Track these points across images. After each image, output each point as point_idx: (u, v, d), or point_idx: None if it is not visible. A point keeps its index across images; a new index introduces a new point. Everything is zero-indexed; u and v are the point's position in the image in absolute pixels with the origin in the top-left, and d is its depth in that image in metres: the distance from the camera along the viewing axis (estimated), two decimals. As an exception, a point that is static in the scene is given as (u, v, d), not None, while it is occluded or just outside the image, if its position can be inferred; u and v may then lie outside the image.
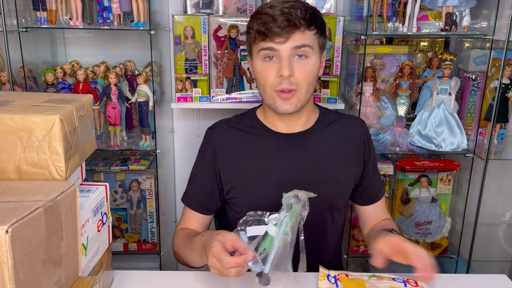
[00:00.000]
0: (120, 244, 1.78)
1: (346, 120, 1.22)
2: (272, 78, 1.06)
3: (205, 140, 1.21)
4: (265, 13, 1.02)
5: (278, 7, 1.02)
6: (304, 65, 1.05)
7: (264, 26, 1.02)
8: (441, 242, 1.76)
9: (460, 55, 1.71)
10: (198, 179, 1.20)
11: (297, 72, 1.04)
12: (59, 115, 0.79)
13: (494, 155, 1.60)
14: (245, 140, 1.17)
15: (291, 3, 1.03)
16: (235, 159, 1.16)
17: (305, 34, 1.03)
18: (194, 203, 1.20)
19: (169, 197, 1.91)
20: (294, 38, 1.02)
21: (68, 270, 0.75)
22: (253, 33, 1.06)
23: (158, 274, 1.12)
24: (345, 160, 1.17)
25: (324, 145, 1.17)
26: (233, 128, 1.19)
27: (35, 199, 0.67)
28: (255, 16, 1.06)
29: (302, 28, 1.02)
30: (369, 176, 1.22)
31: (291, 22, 1.00)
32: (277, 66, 1.05)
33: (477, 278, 1.12)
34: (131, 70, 1.67)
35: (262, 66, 1.07)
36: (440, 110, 1.57)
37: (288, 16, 1.00)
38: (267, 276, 0.83)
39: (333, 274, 1.00)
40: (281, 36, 1.01)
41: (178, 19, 1.52)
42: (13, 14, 1.47)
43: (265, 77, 1.07)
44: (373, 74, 1.57)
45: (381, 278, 0.95)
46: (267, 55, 1.05)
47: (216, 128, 1.21)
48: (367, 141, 1.21)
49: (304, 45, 1.03)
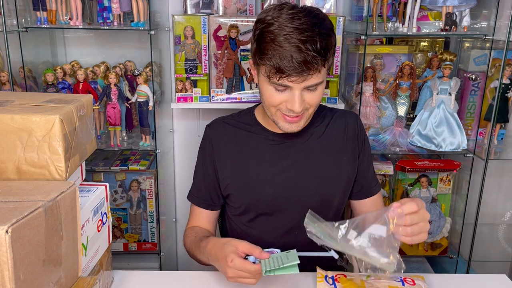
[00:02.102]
0: (120, 244, 1.78)
1: (339, 115, 1.23)
2: (280, 103, 1.04)
3: (204, 137, 1.24)
4: (281, 47, 0.96)
5: (294, 40, 0.95)
6: (314, 94, 1.04)
7: (280, 65, 0.96)
8: (441, 242, 1.76)
9: (460, 55, 1.71)
10: (200, 176, 1.23)
11: (306, 100, 1.03)
12: (59, 115, 0.79)
13: (494, 155, 1.60)
14: (240, 137, 1.19)
15: (308, 34, 0.95)
16: (231, 156, 1.18)
17: (320, 73, 1.00)
18: (198, 199, 1.23)
19: (169, 197, 1.91)
20: (310, 80, 0.99)
21: (68, 270, 0.75)
22: (267, 64, 0.99)
23: (158, 274, 1.12)
24: (340, 156, 1.18)
25: (318, 142, 1.18)
26: (230, 126, 1.21)
27: (35, 199, 0.67)
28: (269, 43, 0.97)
29: (319, 68, 0.98)
30: (363, 168, 1.21)
31: (309, 66, 0.96)
32: (286, 97, 1.02)
33: (477, 278, 1.12)
34: (131, 70, 1.67)
35: (270, 92, 1.04)
36: (440, 110, 1.57)
37: (306, 57, 0.95)
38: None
39: (331, 275, 1.00)
40: (298, 77, 0.98)
41: (178, 19, 1.52)
42: (13, 14, 1.47)
43: (272, 101, 1.04)
44: (373, 74, 1.57)
45: (379, 277, 0.95)
46: (278, 88, 1.02)
47: (213, 125, 1.24)
48: (360, 134, 1.21)
49: (317, 84, 1.01)
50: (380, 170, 1.67)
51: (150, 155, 1.77)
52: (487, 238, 1.87)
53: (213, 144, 1.20)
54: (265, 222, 1.18)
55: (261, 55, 1.01)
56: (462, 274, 1.66)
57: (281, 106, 1.05)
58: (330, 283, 0.97)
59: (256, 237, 1.20)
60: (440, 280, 1.05)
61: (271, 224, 1.18)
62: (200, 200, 1.23)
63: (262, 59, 1.01)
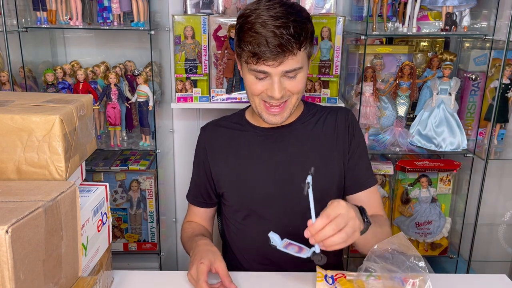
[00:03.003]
0: (120, 244, 1.78)
1: (330, 110, 1.24)
2: (261, 91, 1.08)
3: (198, 139, 1.29)
4: (257, 32, 1.00)
5: (269, 25, 0.99)
6: (294, 81, 1.07)
7: (257, 49, 1.01)
8: (441, 242, 1.76)
9: (460, 55, 1.71)
10: (194, 176, 1.31)
11: (287, 87, 1.06)
12: (59, 115, 0.79)
13: (494, 155, 1.60)
14: (231, 136, 1.23)
15: (283, 20, 1.00)
16: (223, 155, 1.22)
17: (297, 57, 1.03)
18: (193, 197, 1.31)
19: (169, 197, 1.91)
20: (287, 63, 1.02)
21: (68, 270, 0.75)
22: (245, 50, 1.04)
23: (158, 274, 1.12)
24: (329, 150, 1.18)
25: (307, 136, 1.19)
26: (221, 127, 1.26)
27: (35, 199, 0.67)
28: (246, 31, 1.03)
29: (294, 51, 1.02)
30: (354, 160, 1.20)
31: (284, 48, 1.00)
32: (267, 84, 1.06)
33: (477, 278, 1.12)
34: (131, 70, 1.67)
35: (251, 81, 1.08)
36: (440, 110, 1.57)
37: (280, 40, 0.99)
38: (319, 254, 0.91)
39: (330, 274, 1.00)
40: (274, 60, 1.01)
41: (178, 19, 1.52)
42: (13, 14, 1.47)
43: (254, 90, 1.08)
44: (373, 74, 1.57)
45: (379, 278, 0.95)
46: (258, 76, 1.06)
47: (206, 128, 1.29)
48: (351, 126, 1.21)
49: (295, 69, 1.04)
50: (380, 170, 1.67)
51: (150, 155, 1.77)
52: (487, 238, 1.87)
53: (206, 146, 1.25)
54: (259, 220, 1.19)
55: (240, 43, 1.06)
56: (462, 274, 1.66)
57: (262, 95, 1.08)
58: (330, 283, 0.97)
59: (250, 235, 1.22)
60: (440, 280, 1.05)
61: (265, 221, 1.18)
62: (193, 198, 1.30)
63: (241, 47, 1.06)
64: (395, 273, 0.95)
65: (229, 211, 1.25)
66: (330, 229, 0.86)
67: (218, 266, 1.00)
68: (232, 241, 1.27)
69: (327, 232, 0.86)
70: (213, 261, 1.01)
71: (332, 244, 0.87)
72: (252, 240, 1.22)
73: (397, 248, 0.95)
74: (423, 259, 0.94)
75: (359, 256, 1.79)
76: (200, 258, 1.01)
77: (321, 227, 0.86)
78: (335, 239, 0.86)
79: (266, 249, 1.09)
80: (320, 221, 0.86)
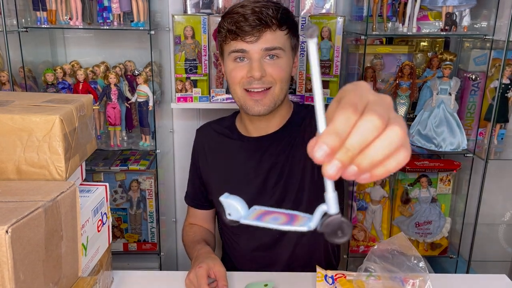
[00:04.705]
0: (120, 244, 1.78)
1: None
2: (242, 77, 1.04)
3: (194, 141, 1.29)
4: (236, 12, 1.01)
5: (249, 6, 1.01)
6: (276, 64, 1.04)
7: (235, 25, 1.00)
8: (441, 242, 1.76)
9: (460, 55, 1.71)
10: (190, 177, 1.32)
11: (269, 71, 1.03)
12: (59, 115, 0.79)
13: (494, 155, 1.60)
14: (220, 142, 1.22)
15: (263, 3, 1.01)
16: (211, 160, 1.22)
17: (276, 34, 1.02)
18: (190, 199, 1.32)
19: (169, 197, 1.91)
20: (265, 38, 1.01)
21: (68, 270, 0.75)
22: (224, 32, 1.04)
23: (158, 274, 1.12)
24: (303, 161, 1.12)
25: (291, 146, 1.13)
26: (213, 131, 1.25)
27: (35, 199, 0.67)
28: (226, 16, 1.05)
29: (273, 27, 1.01)
30: None
31: (262, 21, 0.99)
32: (247, 66, 1.03)
33: (477, 278, 1.12)
34: (131, 70, 1.67)
35: (231, 67, 1.06)
36: (440, 110, 1.57)
37: (259, 15, 0.99)
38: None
39: (330, 274, 1.00)
40: (252, 35, 1.00)
41: (178, 19, 1.52)
42: (13, 14, 1.47)
43: (234, 77, 1.06)
44: (373, 74, 1.57)
45: (379, 278, 0.95)
46: (238, 56, 1.04)
47: (199, 130, 1.29)
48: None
49: (275, 47, 1.02)
50: (380, 170, 1.67)
51: (150, 155, 1.77)
52: (487, 238, 1.87)
53: (199, 148, 1.25)
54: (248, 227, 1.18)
55: (220, 28, 1.06)
56: (462, 274, 1.66)
57: (243, 82, 1.04)
58: (329, 283, 0.97)
59: (241, 242, 1.21)
60: (440, 280, 1.05)
61: (253, 231, 1.16)
62: (192, 200, 1.30)
63: (221, 32, 1.05)
64: (395, 273, 0.95)
65: (219, 215, 1.26)
66: (365, 129, 0.37)
67: (217, 270, 0.99)
68: (226, 245, 1.27)
69: (359, 137, 0.37)
70: (212, 266, 1.00)
71: (373, 161, 0.38)
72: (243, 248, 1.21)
73: (397, 248, 0.95)
74: (423, 259, 0.94)
75: (359, 256, 1.80)
76: (199, 263, 1.01)
77: (345, 127, 0.38)
78: (378, 149, 0.37)
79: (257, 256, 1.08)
80: (342, 115, 0.38)
